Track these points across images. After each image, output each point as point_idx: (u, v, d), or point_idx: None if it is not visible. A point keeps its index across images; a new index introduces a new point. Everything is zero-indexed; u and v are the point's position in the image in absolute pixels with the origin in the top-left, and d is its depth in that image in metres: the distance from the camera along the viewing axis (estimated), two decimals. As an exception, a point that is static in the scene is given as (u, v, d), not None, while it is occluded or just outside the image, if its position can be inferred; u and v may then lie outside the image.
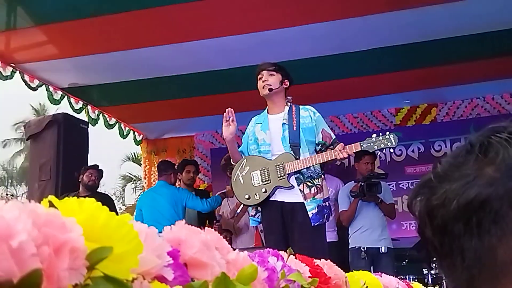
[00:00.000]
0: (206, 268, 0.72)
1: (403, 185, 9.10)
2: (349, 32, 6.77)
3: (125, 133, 9.86)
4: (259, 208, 4.73)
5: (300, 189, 4.52)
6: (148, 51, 7.01)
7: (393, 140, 4.42)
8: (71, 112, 8.27)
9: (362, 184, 6.39)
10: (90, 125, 8.47)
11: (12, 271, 0.42)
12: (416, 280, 6.81)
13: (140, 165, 12.36)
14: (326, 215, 4.55)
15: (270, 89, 4.73)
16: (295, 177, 4.55)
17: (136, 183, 21.88)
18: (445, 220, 0.78)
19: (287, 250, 1.18)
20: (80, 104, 8.52)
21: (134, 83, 7.93)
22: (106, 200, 7.55)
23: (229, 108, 4.84)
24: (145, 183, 10.80)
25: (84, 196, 2.82)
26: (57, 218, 0.49)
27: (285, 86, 4.84)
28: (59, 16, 6.24)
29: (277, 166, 4.57)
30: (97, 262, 0.51)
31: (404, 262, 7.36)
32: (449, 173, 0.81)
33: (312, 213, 4.45)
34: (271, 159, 4.64)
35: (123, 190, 24.96)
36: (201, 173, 10.17)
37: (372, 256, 6.51)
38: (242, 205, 5.18)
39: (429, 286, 3.59)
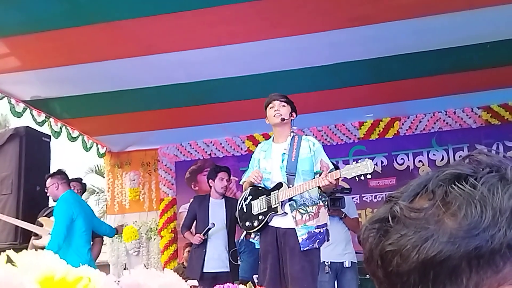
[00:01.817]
0: (165, 313, 0.73)
1: (366, 198, 9.19)
2: (312, 46, 6.82)
3: (88, 146, 9.78)
4: (258, 233, 5.08)
5: (292, 216, 4.83)
6: (111, 64, 6.97)
7: (369, 166, 4.69)
8: (33, 124, 8.17)
9: (326, 198, 6.42)
10: (53, 138, 8.37)
11: None
12: (379, 293, 6.86)
13: (104, 177, 12.27)
14: (318, 240, 4.85)
15: (283, 119, 5.04)
16: (289, 204, 4.86)
17: (99, 195, 21.68)
18: (401, 270, 0.78)
19: (247, 284, 1.18)
20: (43, 116, 8.42)
21: (97, 95, 7.88)
22: None
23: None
24: (109, 196, 10.72)
25: None
26: (15, 279, 0.49)
27: (292, 118, 5.14)
28: (22, 29, 6.16)
29: (273, 195, 4.89)
30: (55, 319, 0.52)
31: (367, 275, 7.38)
32: (406, 217, 0.80)
33: (302, 238, 4.75)
34: (269, 187, 4.96)
35: (87, 202, 24.74)
36: (165, 186, 10.16)
37: (336, 270, 6.54)
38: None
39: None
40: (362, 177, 4.75)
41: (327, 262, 6.45)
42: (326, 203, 5.19)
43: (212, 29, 6.35)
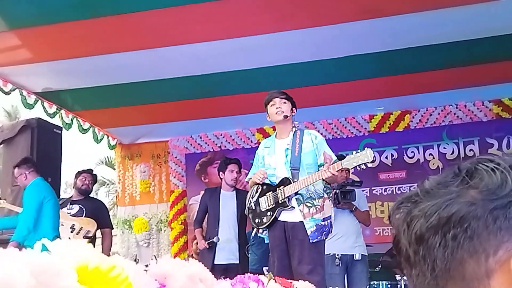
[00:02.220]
0: (192, 302, 0.74)
1: (376, 191, 9.18)
2: (324, 39, 6.81)
3: (99, 138, 9.82)
4: (266, 228, 5.16)
5: (300, 209, 4.91)
6: (123, 56, 6.98)
7: (369, 156, 4.67)
8: (44, 116, 8.21)
9: (337, 191, 6.43)
10: (64, 130, 8.41)
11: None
12: (389, 286, 6.87)
13: (114, 169, 12.29)
14: (325, 232, 4.93)
15: (285, 116, 5.10)
16: (296, 199, 4.93)
17: (109, 187, 21.73)
18: (423, 230, 0.83)
19: (267, 275, 1.20)
20: (54, 108, 8.46)
21: (108, 88, 7.89)
22: (99, 206, 7.50)
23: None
24: (119, 187, 10.76)
25: (77, 201, 2.83)
26: (53, 266, 0.51)
27: (293, 114, 5.21)
28: (34, 21, 6.19)
29: (279, 190, 4.96)
30: (91, 306, 0.53)
31: (377, 268, 7.40)
32: (434, 189, 0.86)
33: (311, 231, 4.84)
34: (275, 183, 5.04)
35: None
36: (175, 178, 10.18)
37: (346, 263, 6.55)
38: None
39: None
40: (364, 166, 4.78)
41: (337, 255, 6.47)
42: (331, 195, 5.23)
43: (223, 22, 6.36)
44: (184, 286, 0.73)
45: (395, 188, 9.17)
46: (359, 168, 4.87)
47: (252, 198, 5.23)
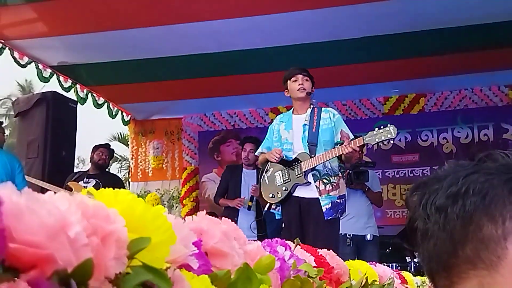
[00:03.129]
0: (227, 258, 0.75)
1: (389, 174, 9.19)
2: (340, 19, 6.79)
3: (113, 113, 9.85)
4: (279, 204, 5.06)
5: (316, 185, 4.83)
6: (138, 32, 7.00)
7: (392, 132, 4.59)
8: (59, 90, 8.25)
9: (350, 172, 6.42)
10: (78, 104, 8.44)
11: (70, 260, 0.45)
12: (399, 267, 6.89)
13: (127, 145, 12.35)
14: (340, 210, 4.88)
15: (309, 93, 5.02)
16: (312, 174, 4.84)
17: (121, 163, 21.81)
18: (443, 200, 0.87)
19: (294, 241, 1.21)
20: (69, 82, 8.50)
21: (123, 63, 7.92)
22: (115, 181, 7.51)
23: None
24: (132, 163, 10.82)
25: (94, 175, 2.84)
26: (103, 210, 0.52)
27: (312, 92, 5.12)
28: (50, -6, 6.22)
29: (295, 165, 4.88)
30: (137, 252, 0.54)
31: (387, 250, 7.42)
32: (451, 169, 0.91)
33: (326, 208, 4.76)
34: (291, 157, 4.94)
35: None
36: (188, 156, 10.21)
37: (357, 243, 6.56)
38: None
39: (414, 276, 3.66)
40: (386, 143, 4.72)
41: (349, 235, 6.48)
42: (344, 175, 5.20)
43: (240, -1, 6.36)
44: (220, 242, 0.74)
45: (408, 171, 9.17)
46: (376, 147, 4.82)
47: (266, 172, 5.14)
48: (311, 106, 5.07)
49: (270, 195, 5.05)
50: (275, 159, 4.93)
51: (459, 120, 9.15)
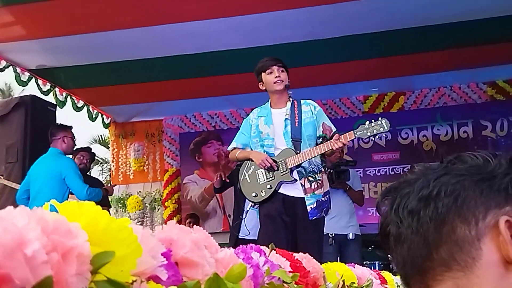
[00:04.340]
0: (197, 267, 0.74)
1: (370, 172, 9.22)
2: (319, 19, 6.80)
3: (93, 116, 9.80)
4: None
5: (301, 183, 4.65)
6: (117, 34, 6.96)
7: (385, 125, 4.48)
8: (38, 94, 8.18)
9: (331, 171, 6.42)
10: (57, 107, 8.37)
11: (27, 279, 0.44)
12: (382, 266, 6.91)
13: (108, 147, 12.29)
14: (324, 209, 4.70)
15: (286, 86, 4.82)
16: (297, 171, 4.66)
17: (102, 165, 21.71)
18: (414, 204, 0.89)
19: (269, 245, 1.20)
20: (48, 86, 8.44)
21: (102, 65, 7.88)
22: (96, 184, 7.46)
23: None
24: (113, 166, 10.76)
25: None
26: (64, 225, 0.51)
27: (289, 83, 4.90)
28: (28, -3, 6.17)
29: (280, 162, 4.66)
30: (101, 266, 0.53)
31: (370, 248, 7.45)
32: (421, 172, 0.92)
33: (311, 207, 4.60)
34: (274, 154, 4.73)
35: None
36: (169, 157, 10.18)
37: (339, 242, 6.57)
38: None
39: (396, 274, 3.65)
40: (377, 136, 4.60)
41: (331, 234, 6.48)
42: (327, 171, 5.07)
43: (218, 0, 6.33)
44: (190, 252, 0.73)
45: (389, 169, 9.20)
46: (372, 139, 4.63)
47: (246, 171, 4.89)
48: (290, 99, 4.88)
49: (253, 194, 4.81)
50: (266, 166, 4.65)
51: (439, 117, 9.20)
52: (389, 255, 0.96)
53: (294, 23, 6.85)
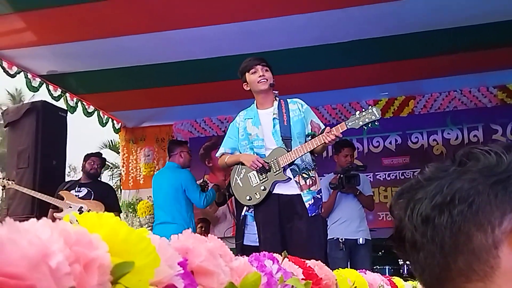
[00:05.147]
0: (213, 276, 0.76)
1: (380, 176, 9.20)
2: (329, 23, 6.80)
3: (104, 121, 9.84)
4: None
5: (296, 181, 4.61)
6: (127, 39, 6.98)
7: (376, 113, 4.46)
8: (49, 99, 8.23)
9: (341, 176, 6.42)
10: (68, 113, 8.42)
11: (51, 290, 0.45)
12: (392, 270, 6.90)
13: (118, 152, 12.32)
14: (320, 206, 4.70)
15: (271, 85, 4.78)
16: (291, 169, 4.62)
17: (113, 170, 21.79)
18: (428, 211, 0.86)
19: (282, 253, 1.21)
20: (59, 91, 8.47)
21: (113, 71, 7.90)
22: (107, 189, 7.50)
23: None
24: (123, 171, 10.79)
25: (85, 184, 2.92)
26: (85, 236, 0.52)
27: (274, 82, 4.85)
28: (39, 3, 6.20)
29: (272, 162, 4.62)
30: (121, 276, 0.54)
31: (380, 253, 7.44)
32: (434, 174, 0.89)
33: (309, 203, 4.56)
34: (264, 155, 4.70)
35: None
36: (179, 163, 10.18)
37: (350, 247, 6.56)
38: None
39: (407, 279, 3.64)
40: (370, 125, 4.51)
41: (341, 239, 6.49)
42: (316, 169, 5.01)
43: (229, 5, 6.35)
44: (206, 261, 0.74)
45: (399, 173, 9.18)
46: (365, 128, 4.54)
47: (237, 175, 4.84)
48: (276, 98, 4.83)
49: (247, 198, 4.75)
50: (257, 167, 4.63)
51: (449, 121, 9.18)
52: (406, 260, 0.95)
53: (303, 28, 6.86)
